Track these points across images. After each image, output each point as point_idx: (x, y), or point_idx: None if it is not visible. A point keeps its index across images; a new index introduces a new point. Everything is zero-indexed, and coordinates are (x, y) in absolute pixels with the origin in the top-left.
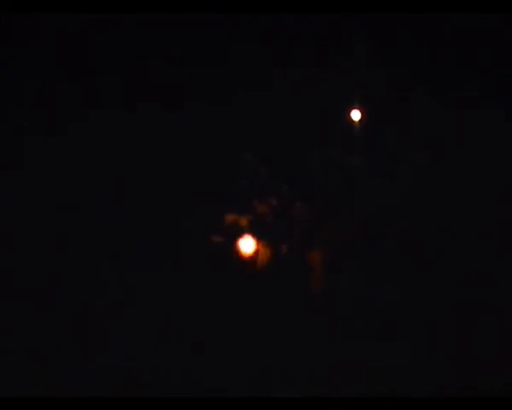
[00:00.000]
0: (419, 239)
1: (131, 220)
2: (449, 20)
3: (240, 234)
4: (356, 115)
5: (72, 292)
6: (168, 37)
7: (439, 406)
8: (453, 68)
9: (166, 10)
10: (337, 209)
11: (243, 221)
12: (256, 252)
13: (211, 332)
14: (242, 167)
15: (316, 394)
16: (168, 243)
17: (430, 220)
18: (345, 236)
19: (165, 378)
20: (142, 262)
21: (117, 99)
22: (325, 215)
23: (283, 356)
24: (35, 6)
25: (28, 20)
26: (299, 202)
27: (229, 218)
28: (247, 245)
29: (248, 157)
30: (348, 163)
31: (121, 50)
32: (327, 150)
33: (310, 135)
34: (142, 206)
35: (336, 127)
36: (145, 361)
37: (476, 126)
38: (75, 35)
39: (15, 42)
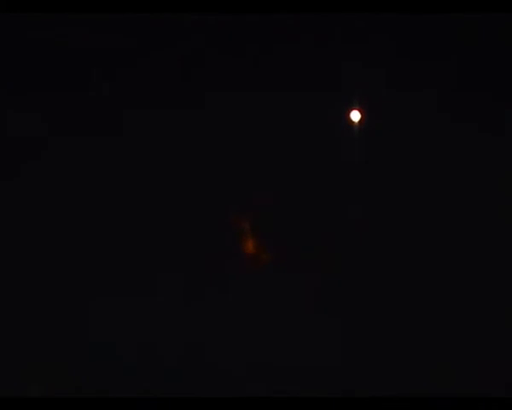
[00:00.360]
0: (418, 240)
1: (129, 218)
2: (449, 19)
3: (238, 233)
4: (355, 116)
5: (72, 291)
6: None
7: (438, 406)
8: (454, 68)
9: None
10: (337, 209)
11: (241, 220)
12: (255, 252)
13: (210, 332)
14: (241, 167)
15: (315, 394)
16: (168, 242)
17: (430, 220)
18: (344, 235)
19: (165, 378)
20: (141, 260)
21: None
22: (324, 215)
23: (282, 356)
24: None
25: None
26: (297, 203)
27: (228, 217)
28: (246, 245)
29: (247, 157)
30: (348, 163)
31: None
32: (326, 150)
33: (309, 135)
34: (141, 205)
35: (336, 127)
36: (144, 361)
37: (478, 126)
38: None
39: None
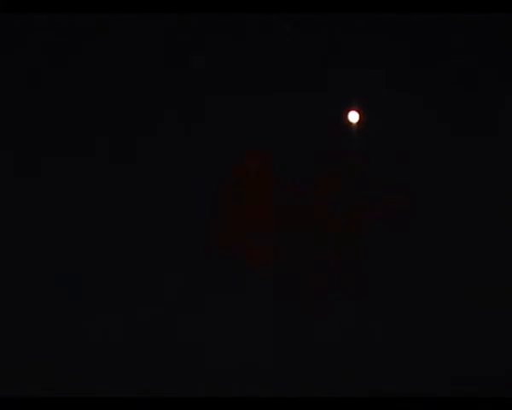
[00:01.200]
0: (418, 242)
1: (124, 217)
2: (449, 19)
3: (240, 236)
4: (354, 116)
5: (71, 291)
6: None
7: (438, 406)
8: (455, 69)
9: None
10: (337, 210)
11: (243, 222)
12: (255, 252)
13: (211, 332)
14: (241, 168)
15: (315, 394)
16: (167, 242)
17: (430, 222)
18: (344, 238)
19: (165, 378)
20: (140, 260)
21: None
22: (325, 216)
23: (283, 356)
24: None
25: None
26: (297, 205)
27: (230, 220)
28: (247, 245)
29: (247, 158)
30: (347, 164)
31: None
32: (325, 151)
33: (307, 136)
34: (140, 206)
35: (335, 128)
36: (145, 361)
37: (479, 127)
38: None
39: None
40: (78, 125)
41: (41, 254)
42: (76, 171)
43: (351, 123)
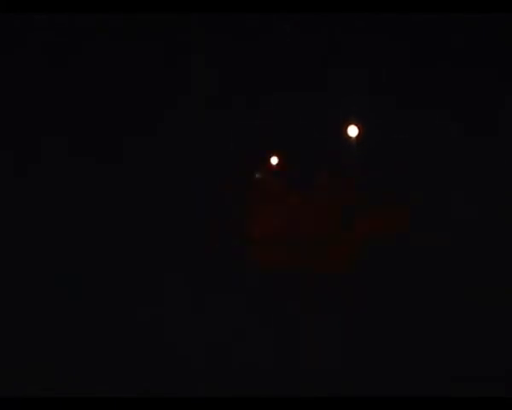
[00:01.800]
0: (419, 242)
1: (127, 218)
2: (450, 20)
3: (240, 236)
4: (354, 131)
5: (72, 291)
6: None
7: (438, 406)
8: (454, 70)
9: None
10: (337, 211)
11: (243, 222)
12: (256, 253)
13: (210, 332)
14: (242, 174)
15: (315, 394)
16: (167, 242)
17: (430, 222)
18: (344, 239)
19: (166, 378)
20: (140, 262)
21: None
22: (325, 217)
23: (283, 357)
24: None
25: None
26: (297, 205)
27: (230, 220)
28: (249, 246)
29: (248, 164)
30: (347, 163)
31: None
32: (325, 151)
33: (308, 136)
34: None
35: (334, 129)
36: (145, 361)
37: (479, 127)
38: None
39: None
40: (78, 125)
41: (41, 254)
42: (76, 171)
43: (350, 137)
